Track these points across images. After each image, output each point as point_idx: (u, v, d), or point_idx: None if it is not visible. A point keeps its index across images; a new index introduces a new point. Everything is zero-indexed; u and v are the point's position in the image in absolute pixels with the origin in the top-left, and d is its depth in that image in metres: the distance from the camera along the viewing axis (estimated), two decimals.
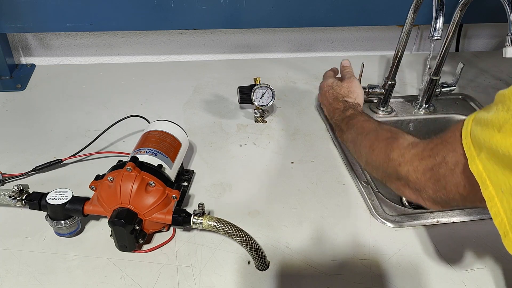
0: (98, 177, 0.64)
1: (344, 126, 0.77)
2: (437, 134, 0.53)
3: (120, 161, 0.66)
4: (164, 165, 0.66)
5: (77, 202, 0.62)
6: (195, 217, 0.61)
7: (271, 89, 0.90)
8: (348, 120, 0.77)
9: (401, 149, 0.58)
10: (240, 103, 0.94)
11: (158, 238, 0.66)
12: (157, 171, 0.64)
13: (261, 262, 0.61)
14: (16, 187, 0.64)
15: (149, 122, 0.79)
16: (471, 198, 0.48)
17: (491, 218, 0.41)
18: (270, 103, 0.91)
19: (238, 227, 0.61)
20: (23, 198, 0.63)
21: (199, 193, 0.74)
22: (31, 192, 0.64)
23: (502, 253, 0.66)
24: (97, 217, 0.68)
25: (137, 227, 0.60)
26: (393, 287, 0.61)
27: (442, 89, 0.97)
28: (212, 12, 1.02)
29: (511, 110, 0.38)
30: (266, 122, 0.94)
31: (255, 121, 0.94)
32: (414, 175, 0.54)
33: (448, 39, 0.88)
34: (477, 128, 0.43)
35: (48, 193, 0.62)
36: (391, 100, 0.99)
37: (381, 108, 0.98)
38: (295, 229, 0.69)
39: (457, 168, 0.47)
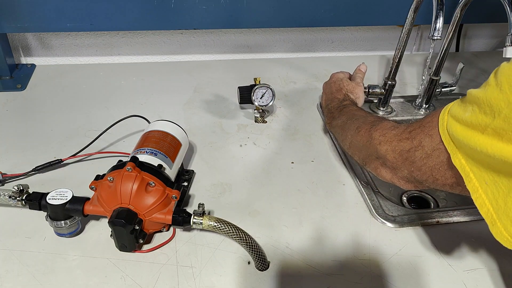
0: (98, 177, 0.64)
1: (337, 113, 0.80)
2: None
3: (120, 161, 0.66)
4: (164, 165, 0.66)
5: (77, 202, 0.62)
6: (195, 217, 0.61)
7: (271, 89, 0.90)
8: (342, 108, 0.80)
9: (383, 129, 0.61)
10: (240, 103, 0.94)
11: (158, 238, 0.66)
12: (157, 171, 0.64)
13: (261, 262, 0.61)
14: (16, 187, 0.64)
15: (149, 122, 0.79)
16: (442, 181, 0.51)
17: None
18: (270, 103, 0.91)
19: (238, 227, 0.61)
20: (23, 198, 0.63)
21: (199, 193, 0.74)
22: (31, 192, 0.64)
23: (502, 253, 0.66)
24: (97, 217, 0.68)
25: (137, 227, 0.60)
26: (393, 287, 0.61)
27: (442, 89, 0.97)
28: (212, 12, 1.02)
29: (489, 114, 0.40)
30: (266, 122, 0.94)
31: (255, 121, 0.94)
32: (392, 155, 0.57)
33: (448, 39, 0.88)
34: (455, 126, 0.45)
35: (48, 193, 0.62)
36: (391, 100, 0.99)
37: (381, 108, 0.98)
38: (295, 229, 0.69)
39: (434, 154, 0.50)
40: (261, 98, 0.90)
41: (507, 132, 0.38)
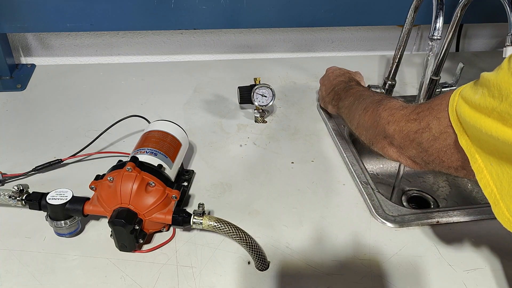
0: (98, 177, 0.64)
1: (343, 94, 0.80)
2: None
3: (120, 161, 0.66)
4: (164, 165, 0.66)
5: (77, 202, 0.62)
6: (195, 217, 0.61)
7: (271, 89, 0.90)
8: (348, 89, 0.80)
9: (392, 109, 0.61)
10: (240, 103, 0.94)
11: (158, 238, 0.66)
12: (157, 171, 0.64)
13: (261, 262, 0.61)
14: (16, 187, 0.64)
15: (149, 122, 0.79)
16: (448, 164, 0.51)
17: (491, 219, 0.42)
18: (270, 103, 0.91)
19: (238, 227, 0.61)
20: (23, 198, 0.63)
21: (199, 193, 0.74)
22: (31, 192, 0.64)
23: (502, 253, 0.66)
24: (97, 217, 0.68)
25: (137, 227, 0.60)
26: (393, 287, 0.61)
27: (442, 89, 0.97)
28: (212, 12, 1.02)
29: (496, 98, 0.40)
30: (266, 122, 0.94)
31: (255, 121, 0.94)
32: (399, 135, 0.58)
33: (448, 39, 0.88)
34: (464, 108, 0.45)
35: (48, 193, 0.62)
36: None
37: None
38: (295, 229, 0.69)
39: (441, 136, 0.50)
40: (261, 98, 0.90)
41: (511, 117, 0.38)
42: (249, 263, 0.63)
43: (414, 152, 0.56)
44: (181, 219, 0.61)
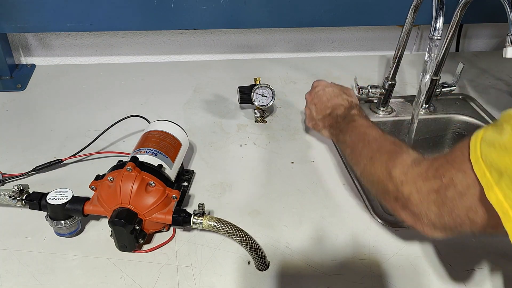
0: (98, 177, 0.64)
1: (344, 126, 0.72)
2: (437, 134, 0.51)
3: (120, 161, 0.66)
4: (164, 165, 0.66)
5: (77, 202, 0.62)
6: (195, 217, 0.61)
7: (271, 89, 0.90)
8: (350, 121, 0.72)
9: (404, 166, 0.54)
10: (240, 103, 0.94)
11: (158, 238, 0.66)
12: (157, 171, 0.64)
13: (261, 262, 0.61)
14: (16, 187, 0.64)
15: (149, 122, 0.79)
16: (482, 223, 0.44)
17: None
18: (270, 103, 0.91)
19: (238, 227, 0.61)
20: (23, 198, 0.63)
21: (199, 193, 0.74)
22: (31, 192, 0.64)
23: (502, 253, 0.66)
24: (97, 217, 0.68)
25: (137, 227, 0.60)
26: (393, 287, 0.61)
27: (442, 89, 0.97)
28: (212, 12, 1.02)
29: None
30: (266, 122, 0.94)
31: (255, 121, 0.94)
32: (417, 197, 0.50)
33: (448, 39, 0.88)
34: (491, 152, 0.40)
35: (48, 193, 0.62)
36: (391, 100, 0.99)
37: (381, 108, 0.98)
38: (295, 229, 0.69)
39: (469, 192, 0.43)
40: (261, 98, 0.90)
41: None
42: (249, 263, 0.63)
43: (434, 216, 0.48)
44: (181, 219, 0.61)
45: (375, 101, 0.99)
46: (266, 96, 0.90)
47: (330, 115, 0.77)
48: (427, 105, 0.99)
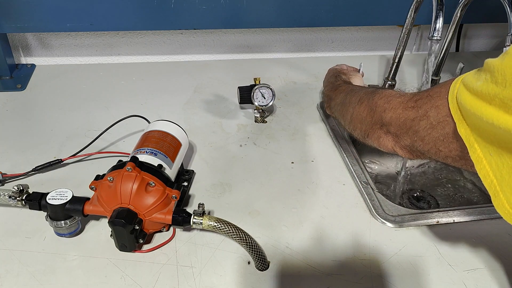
0: (98, 177, 0.64)
1: (333, 94, 0.81)
2: None
3: (120, 161, 0.66)
4: (164, 165, 0.66)
5: (77, 202, 0.62)
6: (195, 217, 0.61)
7: (271, 89, 0.90)
8: (337, 88, 0.80)
9: (388, 96, 0.60)
10: (240, 103, 0.94)
11: (158, 238, 0.66)
12: (157, 171, 0.64)
13: (261, 262, 0.61)
14: (16, 187, 0.64)
15: (149, 122, 0.79)
16: (446, 153, 0.50)
17: (491, 219, 0.41)
18: (270, 103, 0.91)
19: (238, 227, 0.61)
20: (23, 198, 0.63)
21: (199, 193, 0.74)
22: (31, 192, 0.64)
23: (502, 253, 0.66)
24: (97, 217, 0.68)
25: (137, 227, 0.60)
26: (393, 287, 0.61)
27: None
28: (212, 12, 1.02)
29: (500, 84, 0.38)
30: (266, 122, 0.94)
31: (255, 121, 0.94)
32: (396, 122, 0.57)
33: (448, 39, 0.88)
34: (465, 95, 0.43)
35: (48, 193, 0.62)
36: None
37: None
38: (295, 229, 0.69)
39: (439, 125, 0.49)
40: (261, 98, 0.90)
41: None
42: (249, 263, 0.63)
43: (410, 141, 0.55)
44: (181, 219, 0.61)
45: None
46: (266, 96, 0.90)
47: (325, 94, 0.87)
48: None
